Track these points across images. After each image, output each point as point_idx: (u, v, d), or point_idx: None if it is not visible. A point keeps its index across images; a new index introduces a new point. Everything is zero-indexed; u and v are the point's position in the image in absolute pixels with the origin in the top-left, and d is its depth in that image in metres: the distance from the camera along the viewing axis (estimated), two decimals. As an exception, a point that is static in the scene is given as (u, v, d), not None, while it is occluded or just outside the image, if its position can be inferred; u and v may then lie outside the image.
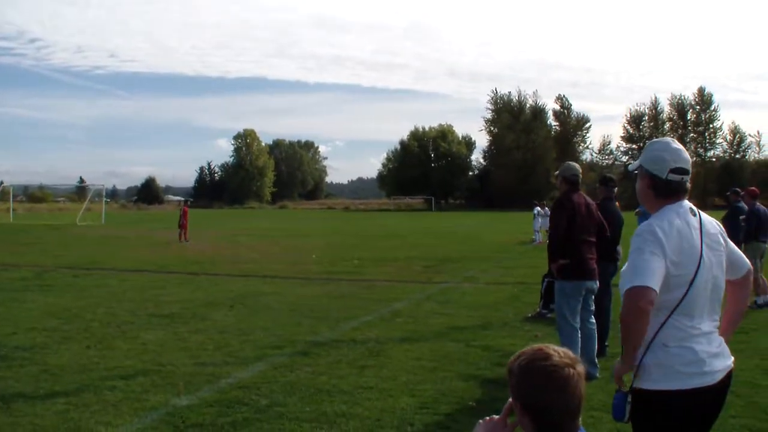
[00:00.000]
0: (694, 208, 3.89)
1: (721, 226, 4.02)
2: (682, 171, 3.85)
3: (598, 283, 9.11)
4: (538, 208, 37.39)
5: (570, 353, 2.55)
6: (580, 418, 2.55)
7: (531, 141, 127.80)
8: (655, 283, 3.59)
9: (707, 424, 3.84)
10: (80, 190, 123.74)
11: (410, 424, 6.93)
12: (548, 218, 10.41)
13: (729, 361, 3.83)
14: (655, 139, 4.14)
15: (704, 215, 3.92)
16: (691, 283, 3.67)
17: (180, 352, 10.12)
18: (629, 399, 3.70)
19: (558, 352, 2.53)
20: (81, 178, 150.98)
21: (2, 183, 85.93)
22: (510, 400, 2.67)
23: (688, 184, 3.89)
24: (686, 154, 3.90)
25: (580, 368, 2.51)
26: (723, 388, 3.78)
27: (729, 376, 3.80)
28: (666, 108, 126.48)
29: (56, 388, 8.26)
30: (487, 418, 2.69)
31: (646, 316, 3.61)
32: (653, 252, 3.64)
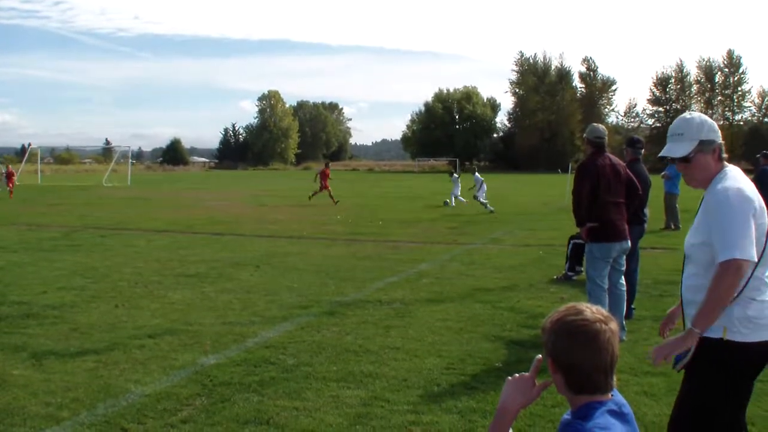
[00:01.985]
0: None
1: None
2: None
3: (629, 242, 9.04)
4: (456, 175, 38.98)
5: (603, 310, 2.54)
6: (615, 378, 2.54)
7: (556, 103, 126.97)
8: (755, 253, 3.67)
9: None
10: (106, 152, 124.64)
11: (437, 384, 6.96)
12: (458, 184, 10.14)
13: None
14: (686, 118, 4.17)
15: None
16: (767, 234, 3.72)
17: (207, 312, 10.20)
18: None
19: (590, 308, 2.52)
20: (107, 139, 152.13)
21: (30, 145, 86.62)
22: (538, 357, 2.67)
23: None
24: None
25: (613, 325, 2.50)
26: None
27: None
28: (693, 70, 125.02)
29: (86, 346, 8.36)
30: (517, 375, 2.69)
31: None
32: (749, 217, 3.72)
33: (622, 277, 9.16)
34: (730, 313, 3.71)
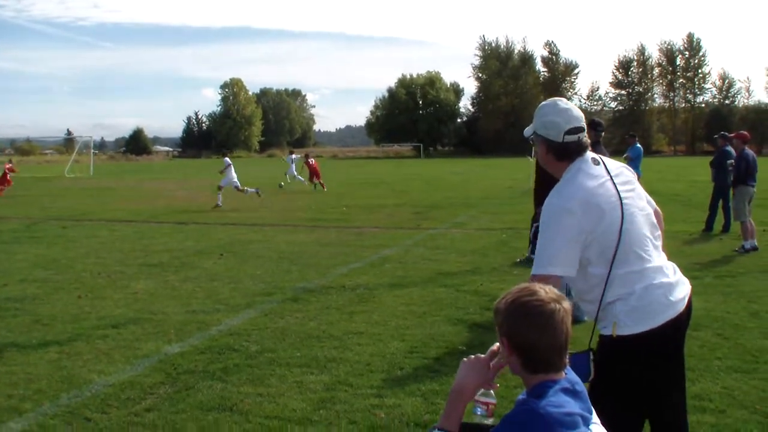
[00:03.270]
0: (596, 156, 3.80)
1: (626, 165, 3.97)
2: (577, 130, 3.73)
3: None
4: (293, 156, 41.03)
5: (555, 290, 2.58)
6: (567, 356, 2.59)
7: (519, 87, 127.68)
8: (562, 268, 3.54)
9: (679, 355, 3.83)
10: (68, 143, 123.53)
11: (400, 368, 7.01)
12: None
13: (688, 287, 3.80)
14: (542, 103, 3.94)
15: (606, 159, 3.84)
16: (621, 231, 3.60)
17: (170, 301, 10.19)
18: (592, 356, 3.63)
19: (543, 288, 2.57)
20: (68, 130, 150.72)
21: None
22: (497, 343, 2.72)
23: (586, 139, 3.77)
24: (577, 111, 3.79)
25: (566, 305, 2.55)
26: (688, 313, 3.76)
27: (690, 301, 3.77)
28: (655, 54, 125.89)
29: (48, 337, 8.32)
30: (472, 356, 2.74)
31: None
32: (566, 234, 3.57)
33: None
34: (614, 310, 3.64)
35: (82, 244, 16.45)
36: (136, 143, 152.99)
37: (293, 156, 41.06)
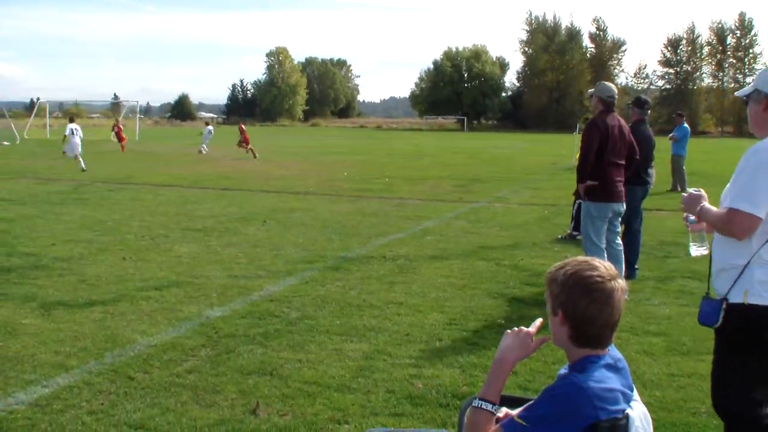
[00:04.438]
0: None
1: None
2: None
3: (624, 205, 9.09)
4: (210, 127, 43.60)
5: (612, 267, 2.60)
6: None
7: (565, 63, 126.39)
8: (763, 211, 3.60)
9: None
10: (114, 107, 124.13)
11: (439, 339, 7.05)
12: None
13: None
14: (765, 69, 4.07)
15: None
16: None
17: (213, 265, 10.31)
18: (725, 306, 3.70)
19: (603, 264, 2.58)
20: (115, 94, 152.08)
21: (38, 99, 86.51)
22: (540, 320, 2.74)
23: None
24: None
25: (622, 283, 2.57)
26: None
27: None
28: (705, 32, 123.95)
29: (94, 297, 8.47)
30: (515, 329, 2.76)
31: (737, 239, 3.66)
32: None
33: (618, 236, 9.23)
34: (751, 275, 3.67)
35: (127, 206, 16.66)
36: (181, 109, 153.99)
37: (210, 128, 43.46)
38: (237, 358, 6.38)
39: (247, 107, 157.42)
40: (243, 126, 40.24)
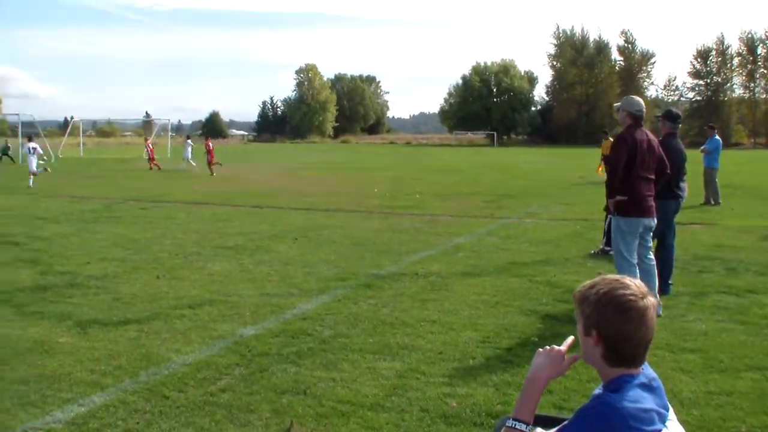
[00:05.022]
0: None
1: None
2: None
3: (655, 220, 9.02)
4: (189, 141, 46.31)
5: (643, 285, 2.59)
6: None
7: (594, 76, 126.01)
8: None
9: None
10: (146, 125, 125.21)
11: (472, 357, 7.03)
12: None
13: None
14: None
15: None
16: None
17: (245, 283, 10.34)
18: None
19: (634, 282, 2.57)
20: (147, 112, 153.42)
21: (72, 118, 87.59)
22: (572, 337, 2.73)
23: None
24: None
25: (654, 300, 2.56)
26: None
27: None
28: (735, 43, 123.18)
29: (128, 315, 8.53)
30: (548, 347, 2.75)
31: None
32: None
33: (650, 251, 9.15)
34: None
35: (160, 225, 16.77)
36: (213, 126, 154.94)
37: (189, 141, 46.04)
38: (270, 377, 6.39)
39: (278, 124, 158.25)
40: (210, 144, 41.38)
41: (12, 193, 25.59)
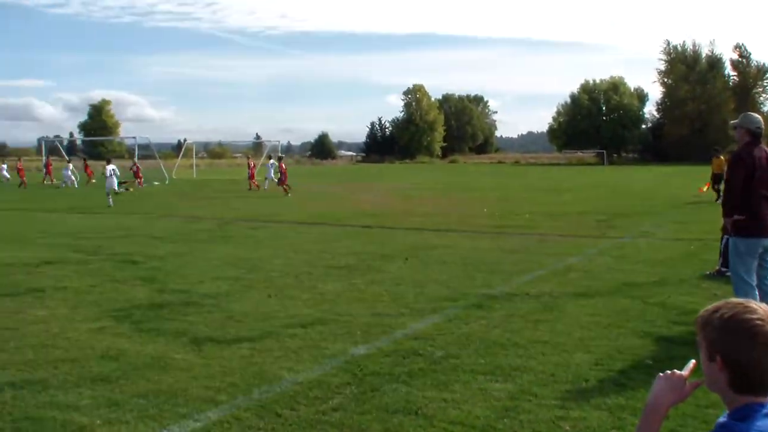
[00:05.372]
0: None
1: None
2: None
3: None
4: (271, 161, 45.51)
5: None
6: None
7: (706, 92, 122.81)
8: None
9: None
10: (256, 146, 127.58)
11: (585, 380, 6.91)
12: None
13: None
14: None
15: None
16: None
17: (357, 303, 10.40)
18: None
19: (761, 306, 2.47)
20: (257, 134, 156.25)
21: (185, 141, 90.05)
22: (694, 361, 2.65)
23: None
24: None
25: None
26: None
27: None
28: None
29: (241, 333, 8.67)
30: (669, 372, 2.67)
31: None
32: None
33: None
34: None
35: (270, 244, 17.03)
36: (321, 147, 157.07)
37: (272, 161, 45.60)
38: (382, 397, 6.40)
39: (386, 145, 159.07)
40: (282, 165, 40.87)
41: (129, 214, 26.34)
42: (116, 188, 32.09)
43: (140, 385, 6.75)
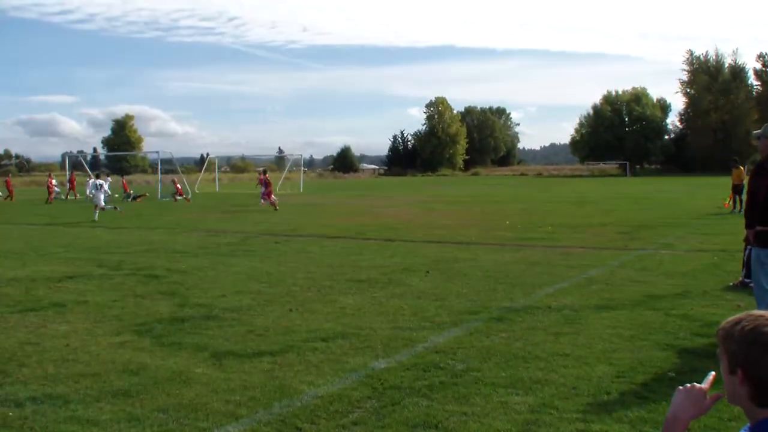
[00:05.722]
0: None
1: None
2: None
3: None
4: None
5: None
6: None
7: (730, 102, 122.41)
8: None
9: None
10: (279, 160, 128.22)
11: (606, 392, 6.87)
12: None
13: None
14: None
15: None
16: None
17: (378, 317, 10.39)
18: None
19: None
20: (279, 148, 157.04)
21: (208, 155, 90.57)
22: (713, 374, 2.62)
23: None
24: None
25: None
26: None
27: None
28: None
29: (262, 347, 8.68)
30: (688, 385, 2.65)
31: None
32: None
33: None
34: None
35: (293, 258, 17.05)
36: (344, 161, 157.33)
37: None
38: (402, 411, 6.39)
39: (408, 157, 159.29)
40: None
41: (153, 228, 26.47)
42: (103, 204, 32.51)
43: (161, 400, 6.77)
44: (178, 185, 47.84)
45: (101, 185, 33.09)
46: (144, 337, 9.29)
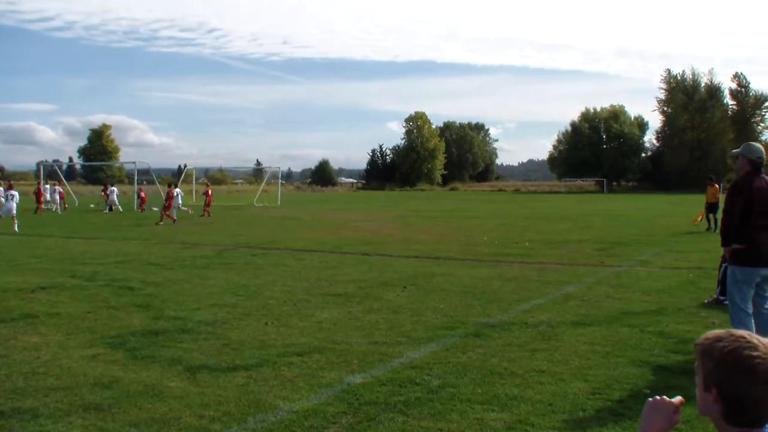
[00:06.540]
0: None
1: None
2: None
3: None
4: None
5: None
6: None
7: (706, 121, 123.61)
8: None
9: None
10: (257, 173, 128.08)
11: (582, 409, 6.87)
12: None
13: None
14: None
15: None
16: None
17: (354, 331, 10.35)
18: None
19: (762, 342, 2.44)
20: (258, 160, 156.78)
21: (185, 166, 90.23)
22: (680, 398, 2.61)
23: None
24: None
25: None
26: None
27: None
28: None
29: (237, 361, 8.62)
30: (657, 398, 2.64)
31: None
32: None
33: (767, 301, 8.86)
34: None
35: (270, 271, 16.98)
36: (322, 174, 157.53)
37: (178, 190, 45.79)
38: (378, 427, 6.35)
39: (387, 172, 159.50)
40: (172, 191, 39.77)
41: (128, 240, 26.32)
42: (15, 213, 32.76)
43: (133, 414, 6.70)
44: (143, 194, 48.07)
45: (13, 195, 33.71)
46: (117, 350, 9.20)
